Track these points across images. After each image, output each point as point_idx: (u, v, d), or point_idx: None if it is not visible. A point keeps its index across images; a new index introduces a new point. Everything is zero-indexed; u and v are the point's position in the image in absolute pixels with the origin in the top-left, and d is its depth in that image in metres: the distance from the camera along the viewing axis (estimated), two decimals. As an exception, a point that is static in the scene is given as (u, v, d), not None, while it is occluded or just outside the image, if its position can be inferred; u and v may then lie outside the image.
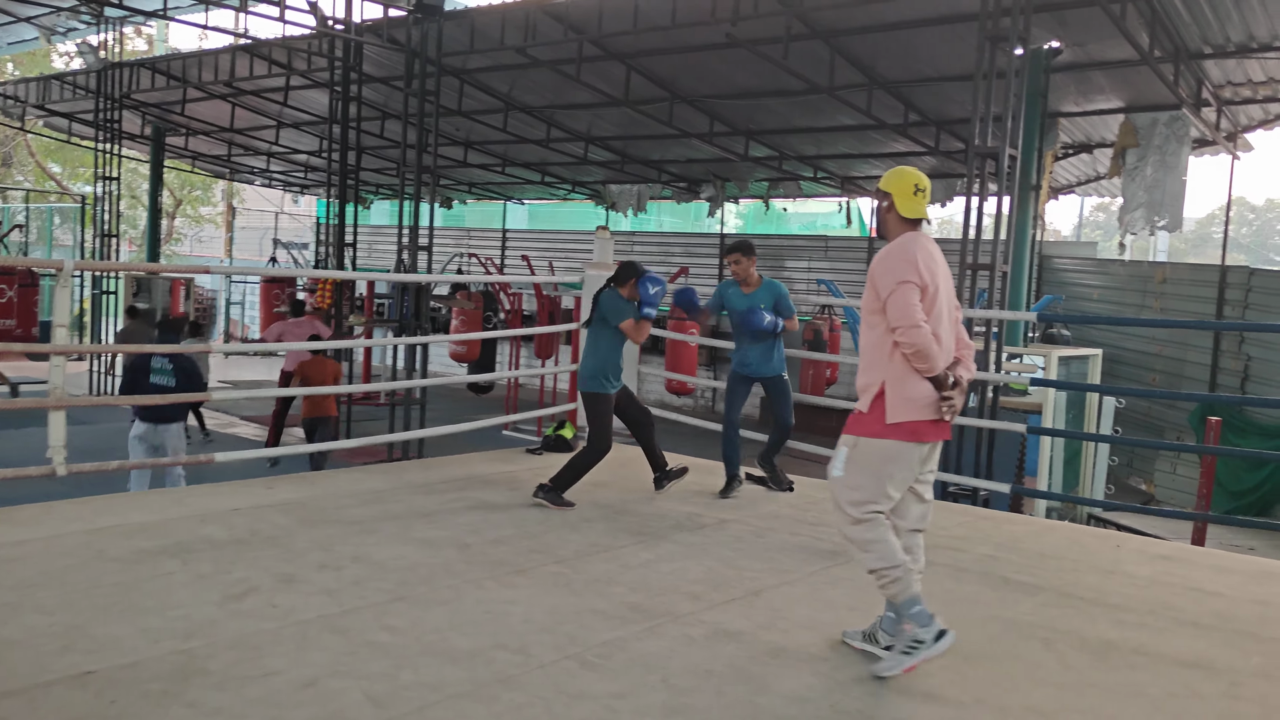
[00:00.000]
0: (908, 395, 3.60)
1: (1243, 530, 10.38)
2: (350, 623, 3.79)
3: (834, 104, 13.17)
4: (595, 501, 6.12)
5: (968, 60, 9.58)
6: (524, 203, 25.76)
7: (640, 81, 13.59)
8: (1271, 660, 3.93)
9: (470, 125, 17.08)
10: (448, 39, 12.22)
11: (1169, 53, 10.62)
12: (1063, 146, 14.51)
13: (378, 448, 10.95)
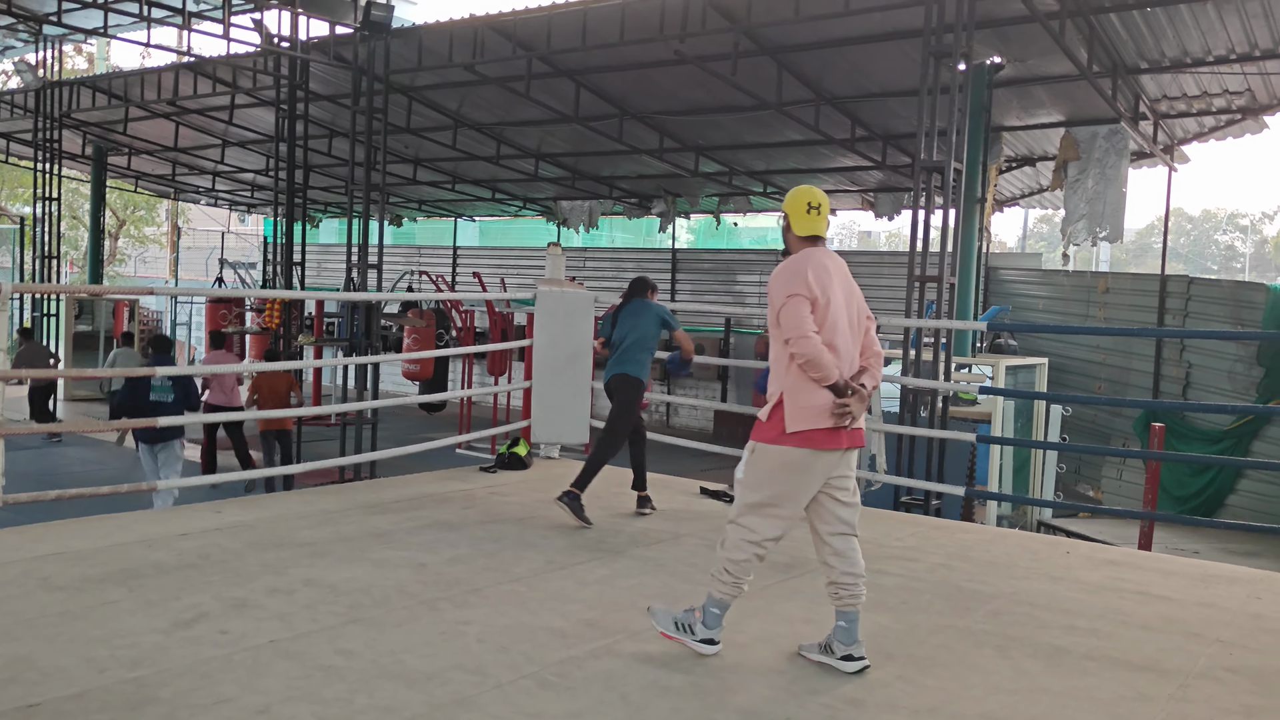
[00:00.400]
0: (804, 404, 3.70)
1: (1187, 534, 10.59)
2: (303, 647, 3.73)
3: (782, 119, 13.31)
4: (552, 519, 6.09)
5: (912, 76, 9.73)
6: (475, 220, 25.67)
7: (590, 98, 13.64)
8: (1218, 661, 4.01)
9: (419, 142, 17.01)
10: (395, 56, 12.18)
11: (1107, 68, 10.88)
12: (1006, 160, 14.78)
13: (329, 469, 10.81)
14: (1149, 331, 13.60)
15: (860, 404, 3.74)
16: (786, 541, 5.74)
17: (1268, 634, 4.40)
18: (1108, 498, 13.63)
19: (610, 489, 7.11)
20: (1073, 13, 9.56)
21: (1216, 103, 12.19)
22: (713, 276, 21.03)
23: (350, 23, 11.70)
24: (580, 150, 16.82)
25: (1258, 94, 11.73)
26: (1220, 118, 12.70)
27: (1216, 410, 12.16)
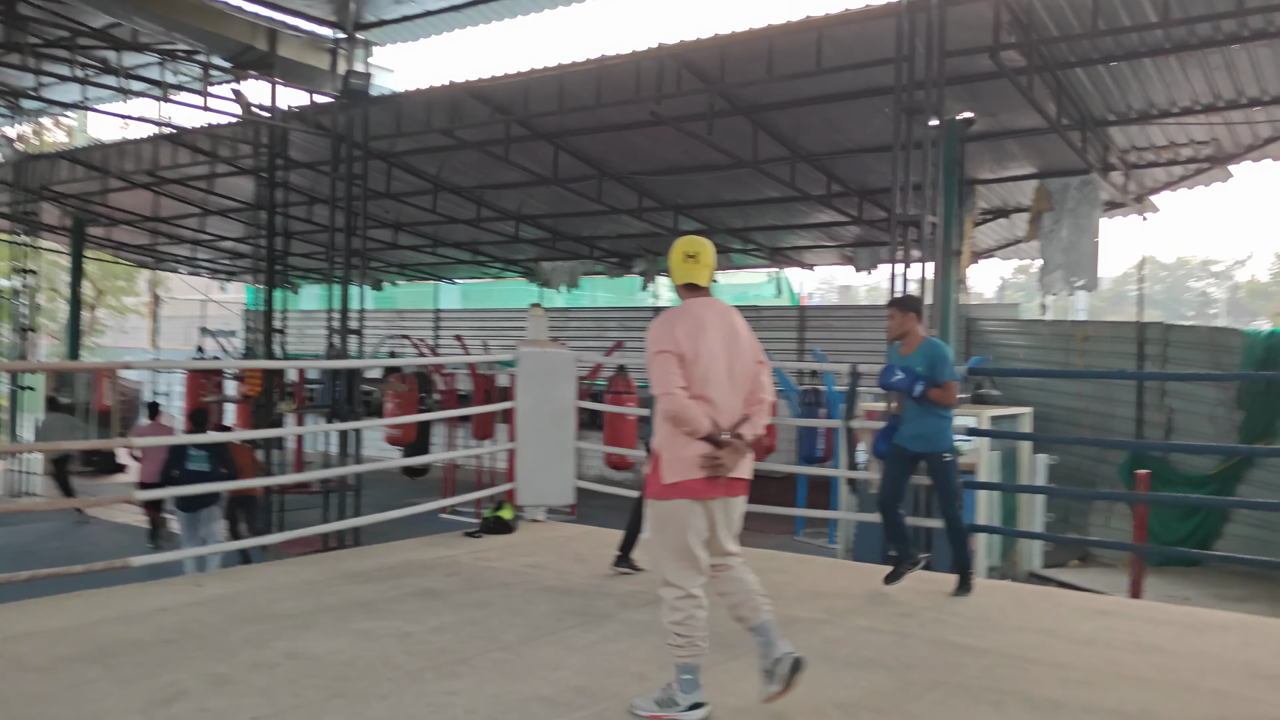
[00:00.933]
0: (678, 456, 3.80)
1: (1177, 581, 10.56)
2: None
3: (759, 177, 13.46)
4: (538, 583, 6.01)
5: (886, 132, 9.86)
6: (456, 282, 25.71)
7: (568, 160, 13.77)
8: (1212, 710, 3.97)
9: (399, 207, 17.10)
10: (374, 123, 12.28)
11: (1076, 120, 11.08)
12: (981, 212, 14.95)
13: (312, 538, 10.65)
14: (1132, 375, 13.67)
15: (734, 454, 3.81)
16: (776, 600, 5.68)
17: (1262, 681, 4.37)
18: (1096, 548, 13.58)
19: (596, 550, 7.04)
20: (1040, 68, 9.75)
21: (1184, 153, 12.40)
22: (695, 333, 21.03)
23: (329, 91, 11.80)
24: (560, 211, 16.93)
25: (1223, 143, 11.95)
26: (1188, 167, 12.91)
27: (1201, 451, 12.19)
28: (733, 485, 3.88)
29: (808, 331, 19.38)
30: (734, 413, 3.89)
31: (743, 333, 4.02)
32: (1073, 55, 9.89)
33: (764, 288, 21.48)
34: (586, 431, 19.07)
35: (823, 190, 13.93)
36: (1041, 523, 12.21)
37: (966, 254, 13.35)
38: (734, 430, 3.85)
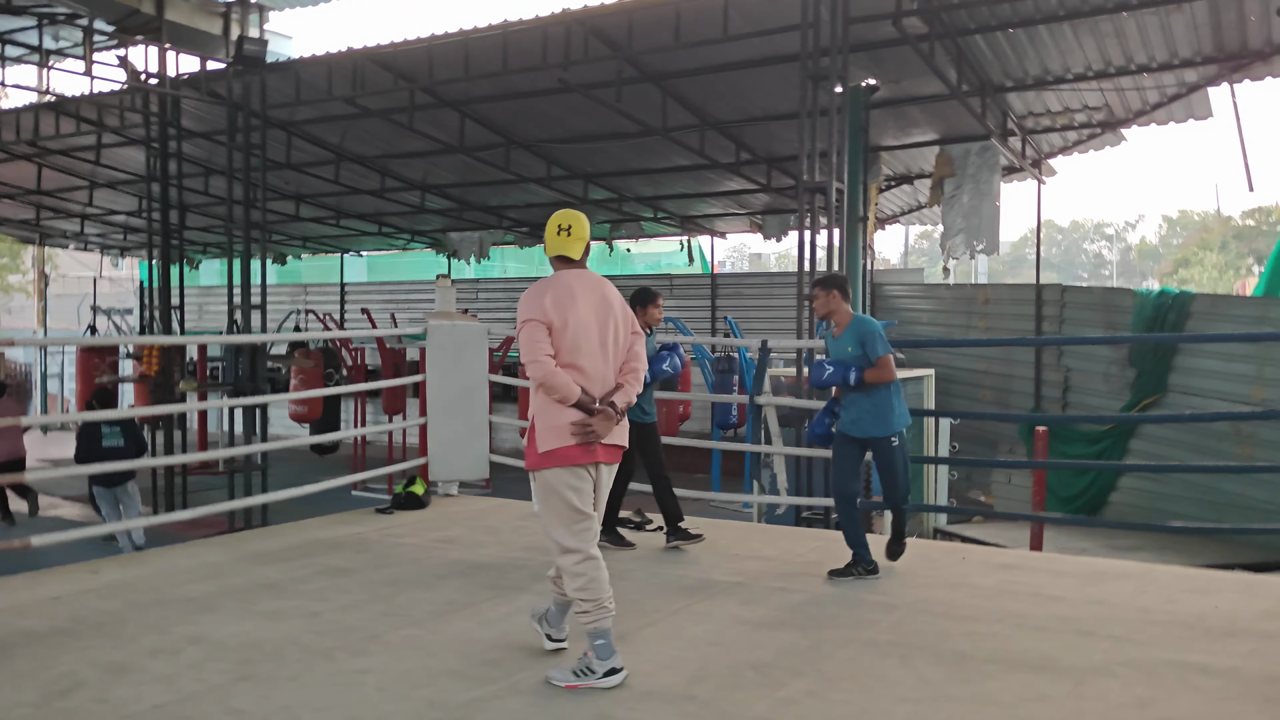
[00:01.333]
0: (551, 424, 3.87)
1: (1075, 532, 10.96)
2: (190, 710, 3.54)
3: (669, 145, 13.43)
4: (449, 558, 5.95)
5: (792, 99, 9.93)
6: (362, 254, 25.19)
7: (475, 128, 13.54)
8: (1111, 657, 4.12)
9: (300, 178, 16.63)
10: (272, 91, 11.89)
11: (975, 87, 11.29)
12: (885, 179, 15.20)
13: (216, 518, 10.40)
14: (1029, 341, 14.10)
15: (605, 422, 3.88)
16: (692, 566, 5.74)
17: (1154, 626, 4.55)
18: (999, 502, 14.03)
19: (509, 523, 7.00)
20: (940, 35, 9.89)
21: (1078, 118, 12.76)
22: (607, 303, 21.00)
23: (222, 58, 11.38)
24: (467, 180, 16.67)
25: (1114, 109, 12.33)
26: (1082, 132, 13.31)
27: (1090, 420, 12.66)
28: (609, 453, 3.95)
29: (720, 299, 19.51)
30: (606, 382, 3.97)
31: (615, 304, 4.08)
32: (972, 22, 10.06)
33: (676, 256, 21.54)
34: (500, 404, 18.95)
35: (732, 158, 13.98)
36: (946, 481, 12.55)
37: (872, 220, 13.56)
38: (605, 399, 3.92)
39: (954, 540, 10.16)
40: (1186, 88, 11.58)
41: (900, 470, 5.50)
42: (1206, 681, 3.83)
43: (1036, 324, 13.85)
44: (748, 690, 3.74)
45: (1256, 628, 4.52)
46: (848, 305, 5.58)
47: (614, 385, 3.99)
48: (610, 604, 3.83)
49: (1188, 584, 5.37)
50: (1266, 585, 5.50)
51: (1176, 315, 11.73)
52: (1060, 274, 56.40)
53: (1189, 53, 10.71)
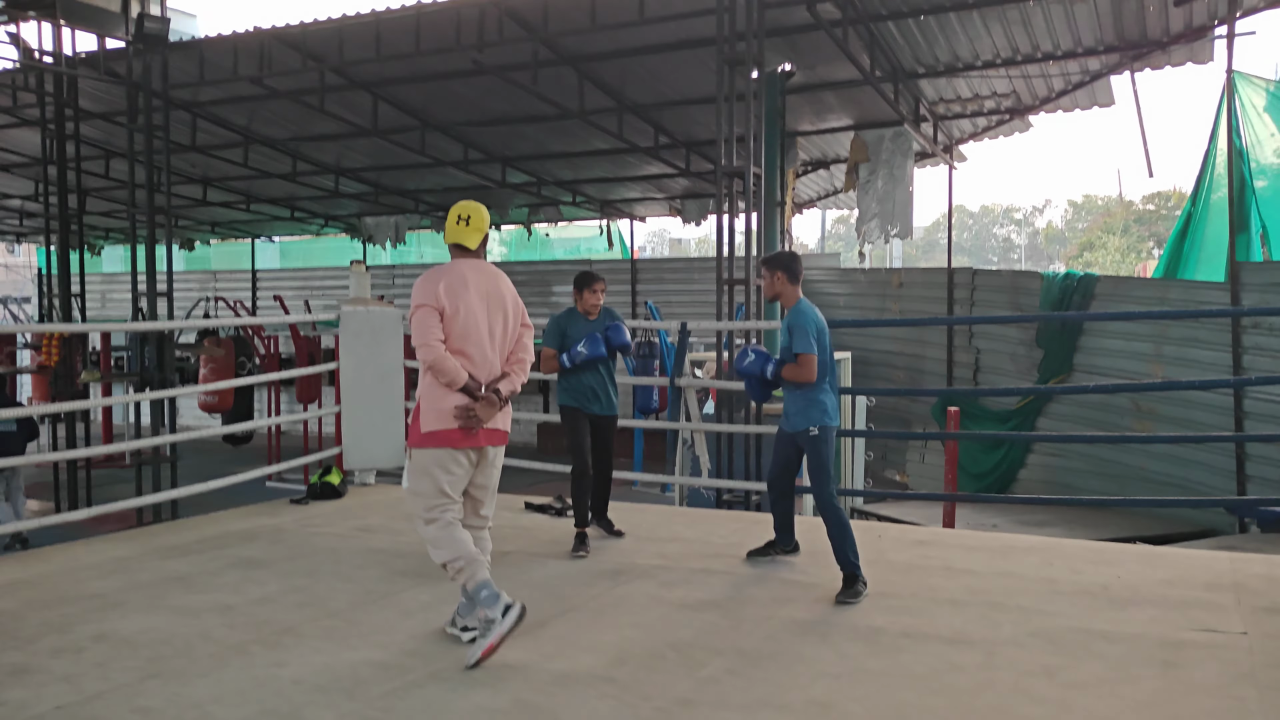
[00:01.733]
0: (436, 407, 4.05)
1: (986, 509, 11.26)
2: (95, 711, 3.42)
3: (587, 129, 13.37)
4: (367, 547, 5.86)
5: (709, 83, 9.96)
6: (275, 240, 24.61)
7: (389, 110, 13.30)
8: (1020, 628, 4.25)
9: (207, 161, 16.15)
10: (175, 70, 11.50)
11: (888, 73, 11.47)
12: (802, 164, 15.37)
13: (123, 513, 10.07)
14: (940, 320, 14.42)
15: (488, 408, 4.06)
16: (613, 549, 5.75)
17: (1061, 597, 4.70)
18: (913, 481, 14.35)
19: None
20: (854, 20, 10.02)
21: (987, 104, 13.06)
22: (527, 288, 20.82)
23: (122, 35, 10.95)
24: (382, 164, 16.38)
25: (1022, 95, 12.64)
26: (991, 118, 13.62)
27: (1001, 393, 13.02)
28: (491, 436, 4.12)
29: (640, 284, 19.54)
30: (492, 369, 4.16)
31: (508, 296, 4.30)
32: (884, 8, 10.20)
33: (596, 241, 21.48)
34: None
35: (650, 142, 13.97)
36: (863, 461, 12.78)
37: (789, 205, 13.69)
38: (491, 385, 4.10)
39: (870, 519, 10.36)
40: (1090, 75, 11.92)
41: (819, 463, 5.10)
42: (1110, 648, 3.97)
43: (948, 306, 14.16)
44: (669, 671, 3.76)
45: (1156, 595, 4.70)
46: (796, 288, 5.18)
47: (500, 374, 4.18)
48: (481, 555, 4.04)
49: (1092, 556, 5.56)
50: (1165, 556, 5.73)
51: (1081, 297, 12.11)
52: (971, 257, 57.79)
53: (1092, 41, 11.03)
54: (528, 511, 6.99)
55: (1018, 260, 59.61)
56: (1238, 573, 5.12)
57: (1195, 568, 5.27)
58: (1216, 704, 3.42)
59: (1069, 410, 12.39)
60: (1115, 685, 3.60)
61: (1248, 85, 10.41)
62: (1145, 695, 3.51)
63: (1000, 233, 67.89)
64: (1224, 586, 4.85)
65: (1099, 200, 58.36)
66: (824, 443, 5.09)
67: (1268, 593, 4.73)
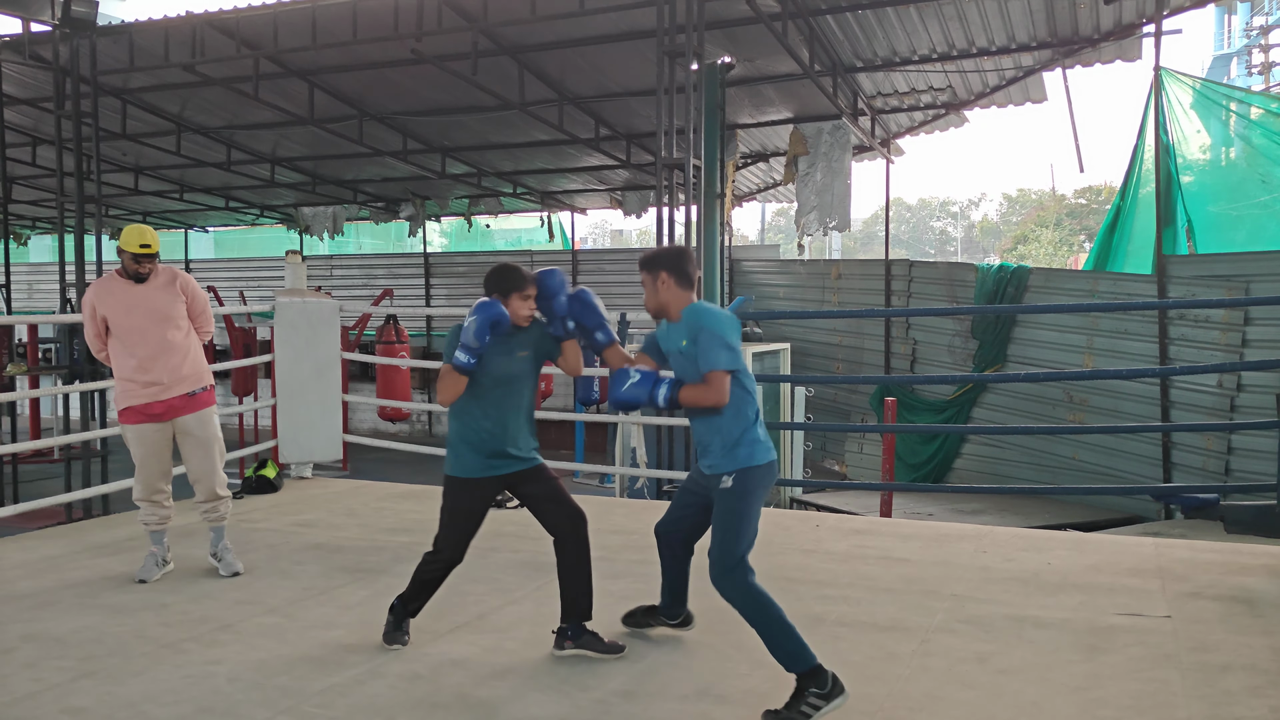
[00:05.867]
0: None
1: (922, 498, 11.47)
2: (24, 711, 3.35)
3: (527, 120, 13.31)
4: (305, 542, 5.79)
5: (650, 75, 9.97)
6: (209, 230, 24.13)
7: (325, 99, 13.11)
8: (953, 615, 4.34)
9: (139, 149, 15.79)
10: (104, 56, 11.22)
11: (827, 67, 11.59)
12: (742, 156, 15.46)
13: (52, 509, 9.84)
14: (877, 312, 14.63)
15: None
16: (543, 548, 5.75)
17: (993, 584, 4.81)
18: (851, 471, 14.55)
19: (368, 505, 6.87)
20: (793, 14, 10.10)
21: (924, 99, 13.25)
22: (468, 280, 20.77)
23: (48, 20, 10.66)
24: (319, 154, 16.15)
25: (958, 90, 12.85)
26: (928, 113, 13.83)
27: (939, 381, 13.25)
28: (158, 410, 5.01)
29: (580, 275, 19.51)
30: None
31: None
32: (823, 3, 10.30)
33: (537, 233, 21.42)
34: (358, 384, 18.54)
35: (591, 134, 13.96)
36: (802, 452, 12.92)
37: (729, 197, 13.78)
38: None
39: (809, 509, 10.49)
40: (1023, 71, 12.16)
41: (720, 525, 3.65)
42: (1040, 634, 4.08)
43: (886, 297, 14.37)
44: (609, 663, 3.78)
45: (1084, 581, 4.83)
46: (689, 294, 3.77)
47: None
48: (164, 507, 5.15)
49: (1024, 543, 5.69)
50: (1094, 542, 5.88)
51: (1015, 288, 12.37)
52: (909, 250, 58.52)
53: (1025, 37, 11.25)
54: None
55: (954, 252, 60.59)
56: (1162, 558, 5.28)
57: (1122, 554, 5.43)
58: (1141, 687, 3.53)
59: (1003, 400, 12.66)
60: (1044, 670, 3.70)
61: (1175, 83, 10.70)
62: (1073, 679, 3.61)
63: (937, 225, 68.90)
64: (1149, 572, 5.00)
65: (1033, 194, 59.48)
66: (736, 499, 3.62)
67: (1190, 577, 4.89)
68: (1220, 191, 10.80)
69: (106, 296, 4.98)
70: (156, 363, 4.94)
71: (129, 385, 4.95)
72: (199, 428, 5.07)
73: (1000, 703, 3.42)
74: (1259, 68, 31.28)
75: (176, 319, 5.02)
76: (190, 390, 5.02)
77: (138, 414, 4.97)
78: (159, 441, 5.03)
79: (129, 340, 4.96)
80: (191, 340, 5.10)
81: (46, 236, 23.76)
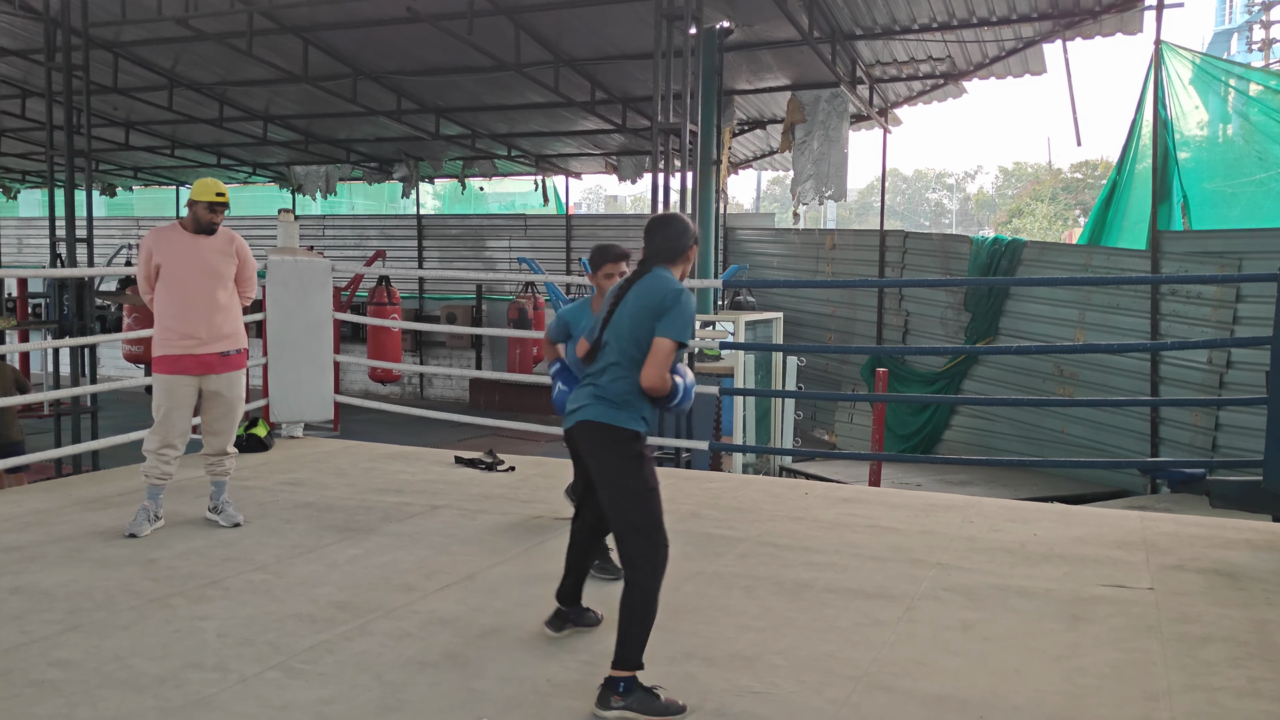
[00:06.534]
0: None
1: (910, 469, 11.52)
2: (11, 663, 3.36)
3: (523, 81, 13.19)
4: (295, 501, 5.80)
5: (647, 38, 9.87)
6: (200, 188, 23.93)
7: (320, 57, 12.97)
8: (938, 583, 4.37)
9: (130, 104, 15.61)
10: (95, 7, 11.06)
11: (826, 33, 11.49)
12: (739, 123, 15.37)
13: (44, 464, 9.82)
14: (871, 282, 14.62)
15: None
16: (543, 504, 5.77)
17: (979, 553, 4.84)
18: (841, 440, 14.60)
19: (358, 465, 6.87)
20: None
21: (922, 68, 13.17)
22: (461, 242, 20.69)
23: (38, -31, 10.50)
24: (312, 112, 16.00)
25: (957, 60, 12.77)
26: (926, 82, 13.75)
27: (931, 352, 13.28)
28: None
29: (575, 240, 19.44)
30: None
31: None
32: (824, -31, 10.20)
33: (531, 196, 21.31)
34: (350, 345, 18.49)
35: (587, 97, 13.85)
36: (792, 421, 12.96)
37: (725, 164, 13.71)
38: None
39: (798, 477, 10.53)
40: (1023, 42, 12.08)
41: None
42: (1024, 603, 4.11)
43: (880, 268, 14.35)
44: (599, 625, 3.80)
45: (1070, 553, 4.86)
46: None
47: None
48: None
49: (1011, 514, 5.73)
50: (1080, 514, 5.92)
51: (1009, 261, 12.36)
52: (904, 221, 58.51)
53: (1026, 8, 11.17)
54: (458, 466, 6.96)
55: (949, 225, 60.54)
56: (1147, 531, 5.32)
57: (1108, 526, 5.46)
58: (1123, 656, 3.57)
59: (994, 373, 12.69)
60: (1028, 639, 3.73)
61: (1175, 57, 10.65)
62: (1056, 648, 3.64)
63: (933, 197, 68.80)
64: (1134, 544, 5.04)
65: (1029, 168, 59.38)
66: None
67: (1174, 550, 4.93)
68: (1217, 168, 10.78)
69: (165, 244, 5.11)
70: (197, 316, 5.05)
71: (167, 334, 5.06)
72: (228, 388, 5.21)
73: (983, 669, 3.45)
74: (1259, 44, 31.16)
75: (225, 278, 5.17)
76: (225, 350, 5.15)
77: (170, 364, 5.07)
78: (185, 397, 5.13)
79: (176, 290, 5.07)
80: (234, 301, 5.24)
81: (35, 191, 23.58)
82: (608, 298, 3.46)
